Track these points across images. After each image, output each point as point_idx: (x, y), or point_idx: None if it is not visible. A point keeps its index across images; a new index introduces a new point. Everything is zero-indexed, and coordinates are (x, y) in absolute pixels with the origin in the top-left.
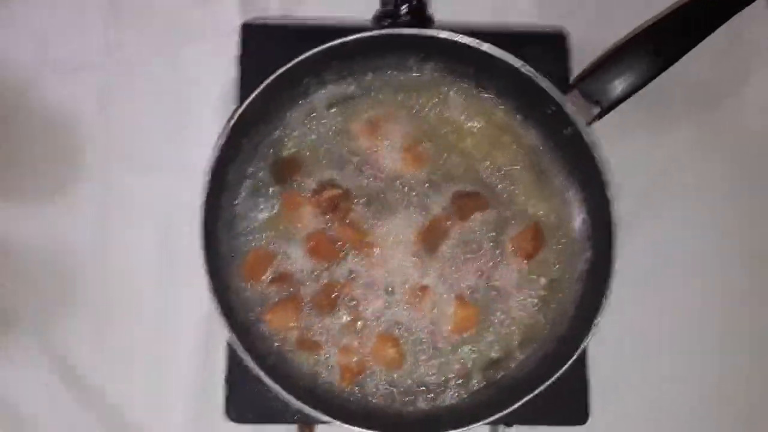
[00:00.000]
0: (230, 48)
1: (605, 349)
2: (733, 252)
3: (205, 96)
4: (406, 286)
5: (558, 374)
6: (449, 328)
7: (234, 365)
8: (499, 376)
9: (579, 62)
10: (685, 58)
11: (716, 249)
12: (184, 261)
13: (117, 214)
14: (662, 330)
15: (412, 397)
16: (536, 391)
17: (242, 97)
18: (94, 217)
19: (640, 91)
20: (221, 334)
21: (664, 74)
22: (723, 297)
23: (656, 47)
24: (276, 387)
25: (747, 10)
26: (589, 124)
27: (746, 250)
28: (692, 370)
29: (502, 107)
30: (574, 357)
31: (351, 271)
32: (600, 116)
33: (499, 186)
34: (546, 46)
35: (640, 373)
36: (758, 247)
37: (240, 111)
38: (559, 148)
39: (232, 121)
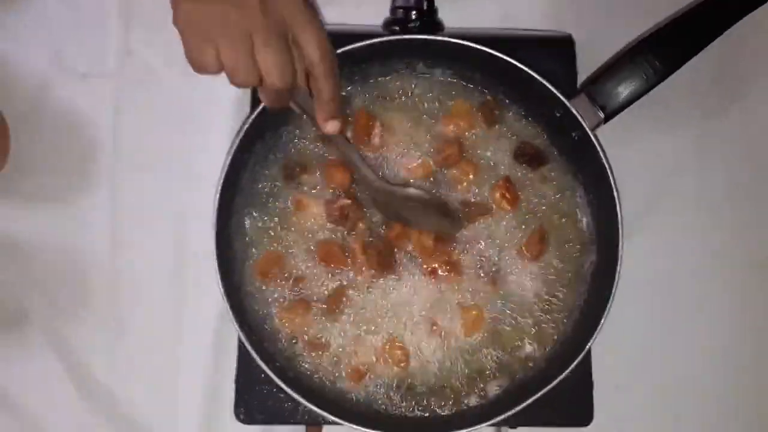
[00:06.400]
0: None
1: (610, 350)
2: (735, 255)
3: (218, 101)
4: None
5: (563, 375)
6: (457, 331)
7: (244, 366)
8: (504, 379)
9: (585, 68)
10: (688, 64)
11: (719, 252)
12: (196, 263)
13: (128, 216)
14: (667, 331)
15: (418, 398)
16: (541, 393)
17: (255, 103)
18: (105, 219)
19: (645, 96)
20: (232, 335)
21: (668, 80)
22: (727, 299)
23: (660, 54)
24: (285, 387)
25: (750, 16)
26: (595, 128)
27: (749, 254)
28: (696, 372)
29: (509, 112)
30: (579, 358)
31: (359, 277)
32: (605, 120)
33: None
34: (553, 51)
35: (644, 374)
36: (762, 251)
37: (253, 116)
38: (565, 151)
39: (246, 126)
